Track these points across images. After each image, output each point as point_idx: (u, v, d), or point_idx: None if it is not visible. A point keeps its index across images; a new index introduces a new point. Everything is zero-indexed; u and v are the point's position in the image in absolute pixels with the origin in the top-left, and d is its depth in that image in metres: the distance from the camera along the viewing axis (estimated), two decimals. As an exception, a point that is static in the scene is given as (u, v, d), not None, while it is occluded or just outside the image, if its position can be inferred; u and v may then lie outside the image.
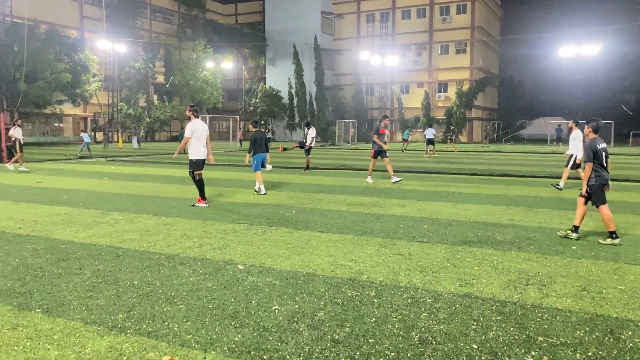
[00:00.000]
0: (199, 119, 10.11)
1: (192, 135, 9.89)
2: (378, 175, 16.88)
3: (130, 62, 49.69)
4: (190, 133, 9.88)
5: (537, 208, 10.01)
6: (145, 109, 53.35)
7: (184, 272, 5.47)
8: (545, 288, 4.99)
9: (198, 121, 10.04)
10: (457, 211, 9.56)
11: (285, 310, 4.35)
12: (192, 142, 9.94)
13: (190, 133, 9.88)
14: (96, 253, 6.31)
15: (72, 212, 9.31)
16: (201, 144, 10.02)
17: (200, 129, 10.01)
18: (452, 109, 55.89)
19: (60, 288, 4.93)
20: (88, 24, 50.07)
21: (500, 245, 6.80)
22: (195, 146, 9.97)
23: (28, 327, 3.98)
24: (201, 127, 10.05)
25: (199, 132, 9.96)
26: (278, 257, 6.11)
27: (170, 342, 3.71)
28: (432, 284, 5.09)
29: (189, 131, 9.88)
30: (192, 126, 9.90)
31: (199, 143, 9.99)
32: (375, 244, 6.85)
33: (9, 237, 7.24)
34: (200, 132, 10.01)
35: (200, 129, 10.00)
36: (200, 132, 10.01)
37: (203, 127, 10.11)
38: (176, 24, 61.16)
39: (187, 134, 9.93)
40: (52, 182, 14.33)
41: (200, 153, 10.05)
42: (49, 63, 36.45)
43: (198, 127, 9.96)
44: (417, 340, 3.76)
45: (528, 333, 3.90)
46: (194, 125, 9.91)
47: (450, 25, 57.40)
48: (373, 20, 61.05)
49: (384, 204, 10.49)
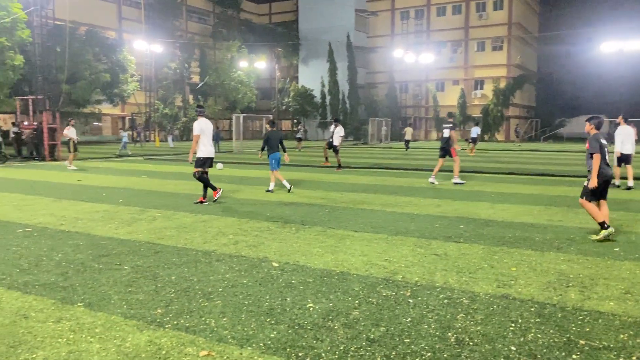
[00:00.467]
0: (204, 117, 10.24)
1: (200, 134, 9.97)
2: (414, 175, 16.74)
3: (167, 62, 50.60)
4: (199, 131, 9.96)
5: (577, 208, 9.73)
6: (181, 108, 54.25)
7: (220, 269, 5.54)
8: (586, 290, 4.85)
9: (204, 120, 10.17)
10: (494, 211, 9.40)
11: (319, 308, 4.36)
12: (200, 140, 10.05)
13: (199, 131, 9.96)
14: (135, 249, 6.45)
15: (112, 209, 9.55)
16: (208, 142, 10.17)
17: (208, 127, 10.16)
18: (488, 107, 54.95)
19: (100, 283, 5.06)
20: (126, 25, 51.21)
21: (539, 245, 6.65)
22: (203, 144, 10.07)
23: (71, 321, 4.10)
24: (208, 126, 10.20)
25: (206, 131, 10.08)
26: (312, 256, 6.13)
27: (208, 337, 3.77)
28: (468, 285, 5.02)
29: (198, 129, 9.97)
30: (200, 124, 10.01)
31: (207, 141, 10.12)
32: (410, 243, 6.80)
33: (52, 232, 7.47)
34: (208, 130, 10.15)
35: (207, 128, 10.14)
36: (208, 130, 10.15)
37: (210, 126, 10.27)
38: (211, 24, 61.95)
39: (196, 132, 9.99)
40: (92, 180, 14.73)
41: (208, 151, 10.16)
42: (89, 64, 37.47)
43: (205, 125, 10.10)
44: (454, 341, 3.71)
45: (569, 336, 3.81)
46: (202, 124, 10.04)
47: (487, 22, 56.43)
48: (407, 17, 60.56)
49: (419, 203, 10.40)
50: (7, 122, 37.51)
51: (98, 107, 43.80)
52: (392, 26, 62.58)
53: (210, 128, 10.29)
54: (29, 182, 14.16)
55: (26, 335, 3.82)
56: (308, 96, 58.64)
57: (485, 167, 19.65)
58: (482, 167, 19.66)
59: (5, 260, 5.89)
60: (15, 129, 26.17)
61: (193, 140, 10.12)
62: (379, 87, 62.09)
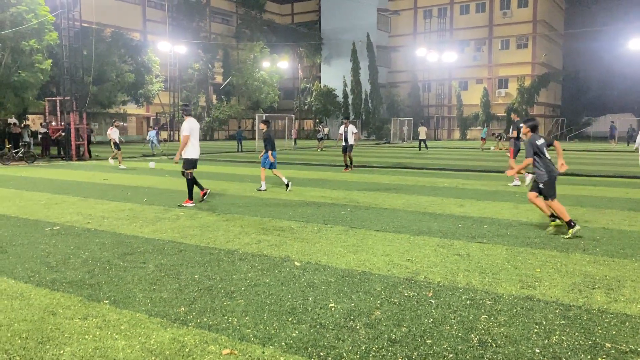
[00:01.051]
0: (190, 117, 10.00)
1: (190, 134, 9.77)
2: (437, 175, 16.62)
3: (191, 63, 51.12)
4: (188, 131, 9.76)
5: (604, 209, 9.57)
6: (205, 108, 54.75)
7: (242, 268, 5.59)
8: (613, 292, 4.77)
9: (192, 119, 9.96)
10: (518, 211, 9.28)
11: (341, 308, 4.37)
12: (190, 141, 9.84)
13: (189, 131, 9.76)
14: (159, 248, 6.54)
15: (137, 208, 9.70)
16: (197, 143, 9.96)
17: (196, 127, 9.95)
18: (512, 106, 54.22)
19: (126, 281, 5.15)
20: (150, 27, 51.91)
21: (564, 247, 6.55)
22: (192, 145, 9.86)
23: (97, 318, 4.18)
24: (196, 125, 9.99)
25: (194, 131, 9.85)
26: (334, 255, 6.14)
27: (230, 335, 3.81)
28: (492, 286, 4.97)
29: (187, 129, 9.76)
30: (190, 124, 9.80)
31: (195, 142, 9.90)
32: (432, 244, 6.76)
33: (78, 231, 7.63)
34: (196, 130, 9.93)
35: (195, 127, 9.93)
36: (196, 130, 9.93)
37: (197, 125, 10.06)
38: (234, 25, 62.39)
39: (185, 133, 9.78)
40: (118, 179, 14.96)
41: (196, 152, 9.98)
42: (115, 65, 38.08)
43: (194, 125, 9.90)
44: (477, 342, 3.68)
45: (594, 339, 3.74)
46: (191, 124, 9.83)
47: (511, 20, 55.66)
48: (430, 16, 60.08)
49: (442, 203, 10.32)
50: (36, 123, 38.37)
51: (123, 107, 44.49)
52: (414, 25, 62.17)
53: (197, 127, 10.04)
54: (57, 182, 14.45)
55: (54, 331, 3.91)
56: (330, 95, 58.65)
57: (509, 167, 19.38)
58: (505, 167, 19.41)
59: (34, 258, 6.03)
60: (43, 130, 26.75)
61: (182, 141, 9.87)
62: (401, 87, 61.75)
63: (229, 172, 17.42)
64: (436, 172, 17.28)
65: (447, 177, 15.41)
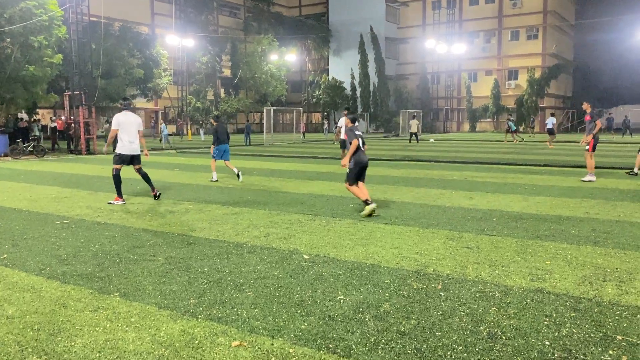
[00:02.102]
0: (128, 111, 9.60)
1: (118, 128, 9.36)
2: (446, 167, 16.56)
3: (199, 56, 51.15)
4: (116, 125, 9.36)
5: (615, 201, 9.49)
6: (213, 102, 54.82)
7: (251, 260, 5.60)
8: (624, 285, 4.73)
9: (126, 113, 9.51)
10: (528, 204, 9.22)
11: (350, 301, 4.37)
12: (119, 135, 9.42)
13: (117, 125, 9.35)
14: (169, 241, 6.57)
15: (146, 202, 9.74)
16: (127, 138, 9.44)
17: (127, 121, 9.43)
18: (522, 98, 53.81)
19: (136, 273, 5.18)
20: (158, 20, 51.93)
21: (575, 239, 6.50)
22: (121, 140, 9.43)
23: (107, 310, 4.21)
24: (129, 120, 9.46)
25: (125, 125, 9.39)
26: (342, 248, 6.13)
27: (240, 327, 3.82)
28: (501, 278, 4.95)
29: (115, 123, 9.37)
30: (118, 118, 9.37)
31: (126, 137, 9.42)
32: (441, 236, 6.74)
33: (88, 224, 7.68)
34: (127, 124, 9.42)
35: (126, 122, 9.41)
36: (127, 124, 9.42)
37: (131, 120, 9.51)
38: (241, 18, 62.29)
39: (113, 127, 9.43)
40: (127, 173, 15.01)
41: (126, 148, 9.47)
42: (123, 59, 38.18)
43: (124, 119, 9.40)
44: (486, 335, 3.67)
45: (605, 331, 3.72)
46: (120, 118, 9.37)
47: (521, 10, 55.11)
48: (439, 7, 59.62)
49: (451, 195, 10.28)
50: (46, 117, 38.63)
51: (132, 101, 44.67)
52: (423, 16, 61.76)
53: (134, 123, 9.51)
54: (67, 175, 14.55)
55: (65, 323, 3.94)
56: (339, 88, 58.49)
57: (519, 159, 19.28)
58: (515, 159, 19.30)
59: (44, 251, 6.08)
60: (53, 124, 26.94)
61: (109, 134, 9.64)
62: (410, 78, 61.45)
63: (236, 165, 17.43)
64: (445, 165, 17.21)
65: (456, 170, 15.34)
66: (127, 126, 9.43)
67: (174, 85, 49.26)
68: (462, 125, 60.81)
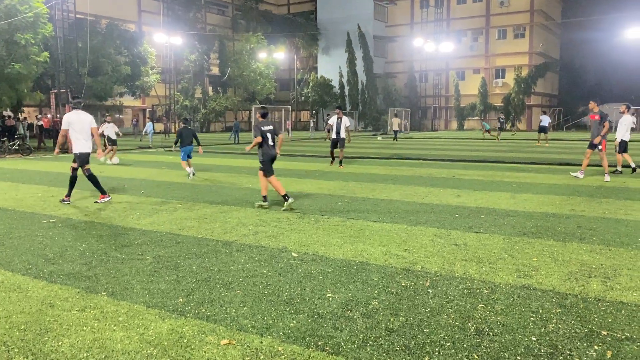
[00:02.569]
0: (79, 110, 9.39)
1: (68, 128, 9.19)
2: (434, 165, 16.62)
3: (187, 54, 50.85)
4: (66, 125, 9.17)
5: (600, 198, 9.60)
6: (201, 100, 54.57)
7: (240, 259, 5.59)
8: (609, 281, 4.79)
9: (76, 112, 9.31)
10: (515, 201, 9.30)
11: (339, 298, 4.38)
12: (72, 135, 9.23)
13: (67, 125, 9.17)
14: (157, 239, 6.54)
15: (134, 200, 9.68)
16: (82, 137, 9.27)
17: (78, 120, 9.23)
18: (510, 96, 54.20)
19: (123, 272, 5.15)
20: (146, 18, 51.56)
21: (561, 236, 6.57)
22: (76, 139, 9.25)
23: (95, 309, 4.18)
24: (79, 119, 9.26)
25: (75, 125, 9.18)
26: (331, 246, 6.15)
27: (228, 326, 3.82)
28: (489, 275, 4.99)
29: (65, 123, 9.19)
30: (68, 118, 9.21)
31: (80, 136, 9.24)
32: (429, 234, 6.77)
33: (75, 223, 7.62)
34: (77, 124, 9.21)
35: (76, 121, 9.21)
36: (77, 124, 9.21)
37: (81, 119, 9.30)
38: (230, 16, 62.04)
39: (63, 126, 9.26)
40: (114, 172, 14.93)
41: (83, 146, 9.31)
42: (110, 57, 37.87)
43: (75, 118, 9.21)
44: (474, 331, 3.70)
45: (590, 327, 3.77)
46: (70, 117, 9.20)
47: (508, 9, 55.49)
48: (427, 6, 59.79)
49: (439, 193, 10.34)
50: (32, 116, 38.21)
51: (120, 99, 44.29)
52: (411, 15, 61.93)
53: (85, 121, 9.31)
54: (53, 174, 14.41)
55: (52, 323, 3.91)
56: (327, 87, 58.50)
57: (507, 157, 19.42)
58: (503, 157, 19.44)
59: (31, 251, 6.03)
60: (39, 122, 26.65)
61: (60, 134, 9.48)
62: (398, 77, 61.63)
63: (225, 164, 17.39)
64: (433, 163, 17.29)
65: (444, 168, 15.42)
66: (79, 125, 9.25)
67: (162, 83, 48.94)
68: (450, 124, 61.12)
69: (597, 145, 12.36)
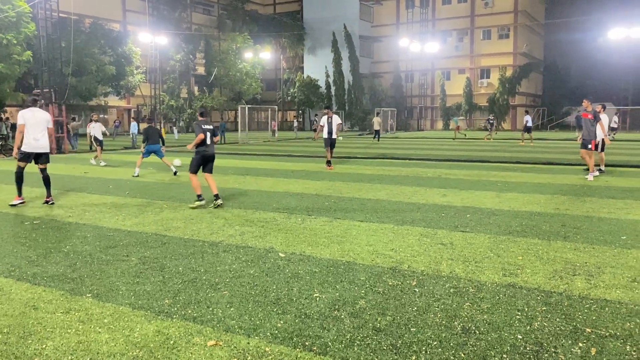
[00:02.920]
0: (36, 107, 9.18)
1: (24, 123, 8.91)
2: (420, 165, 16.70)
3: (172, 54, 50.54)
4: (22, 121, 8.92)
5: (584, 197, 9.72)
6: (187, 100, 54.29)
7: (226, 259, 5.57)
8: (593, 279, 4.85)
9: (32, 109, 9.09)
10: (500, 200, 9.38)
11: (326, 298, 4.38)
12: (25, 131, 8.98)
13: (22, 121, 8.91)
14: (142, 240, 6.48)
15: (119, 201, 9.60)
16: (32, 135, 8.99)
17: (34, 117, 9.00)
18: (494, 96, 54.65)
19: (108, 274, 5.10)
20: (130, 17, 51.20)
21: (546, 234, 6.64)
22: (26, 137, 8.98)
23: (80, 311, 4.13)
24: (35, 116, 9.03)
25: (30, 122, 8.95)
26: (318, 246, 6.14)
27: (215, 327, 3.80)
28: (475, 274, 5.02)
29: (21, 119, 8.93)
30: (23, 114, 8.95)
31: (31, 134, 8.97)
32: (416, 233, 6.80)
33: (59, 225, 7.53)
34: (31, 121, 8.96)
35: (34, 119, 8.99)
36: (31, 121, 8.96)
37: (38, 116, 9.08)
38: (216, 15, 61.80)
39: (19, 122, 9.00)
40: (99, 172, 14.79)
41: (31, 145, 9.02)
42: (94, 56, 37.51)
43: (30, 115, 8.97)
44: (460, 330, 3.72)
45: (575, 324, 3.81)
46: (26, 114, 8.95)
47: (493, 10, 55.98)
48: (413, 6, 60.07)
49: (425, 193, 10.38)
50: (14, 116, 37.69)
51: (104, 99, 43.90)
52: (397, 15, 62.18)
53: (40, 119, 9.07)
54: (36, 175, 14.19)
55: (36, 326, 3.86)
56: (313, 86, 58.52)
57: (492, 156, 19.58)
58: (488, 156, 19.59)
59: (14, 252, 5.94)
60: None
61: (17, 130, 9.11)
62: (384, 77, 61.84)
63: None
64: (419, 162, 17.37)
65: (430, 167, 15.50)
66: (32, 123, 9.00)
67: (147, 83, 48.60)
68: (435, 123, 61.46)
69: (588, 145, 12.34)
